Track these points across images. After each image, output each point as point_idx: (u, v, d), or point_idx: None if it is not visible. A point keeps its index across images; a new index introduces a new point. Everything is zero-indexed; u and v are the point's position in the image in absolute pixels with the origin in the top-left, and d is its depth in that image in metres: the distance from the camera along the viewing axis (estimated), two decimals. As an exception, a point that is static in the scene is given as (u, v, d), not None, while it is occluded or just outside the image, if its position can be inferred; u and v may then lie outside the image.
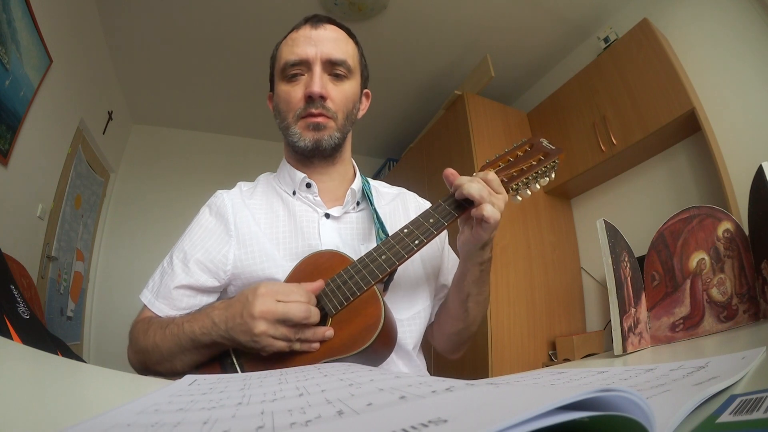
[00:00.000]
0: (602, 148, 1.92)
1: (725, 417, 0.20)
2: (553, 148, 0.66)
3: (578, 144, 2.07)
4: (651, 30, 1.77)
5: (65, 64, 1.89)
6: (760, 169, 0.66)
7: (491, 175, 0.58)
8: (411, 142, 2.96)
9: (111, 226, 2.82)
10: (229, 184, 0.80)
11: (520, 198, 0.64)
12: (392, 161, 3.45)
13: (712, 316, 0.67)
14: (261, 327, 0.48)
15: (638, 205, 1.99)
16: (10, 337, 0.73)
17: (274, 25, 2.23)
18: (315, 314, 0.51)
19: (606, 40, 2.06)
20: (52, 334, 1.00)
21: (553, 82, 2.51)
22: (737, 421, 0.19)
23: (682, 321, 0.68)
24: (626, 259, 0.67)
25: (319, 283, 0.54)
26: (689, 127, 1.68)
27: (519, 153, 0.65)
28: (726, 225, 0.70)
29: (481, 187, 0.55)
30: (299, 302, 0.50)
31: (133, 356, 0.63)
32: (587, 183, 2.20)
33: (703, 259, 0.69)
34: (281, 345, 0.50)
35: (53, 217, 2.01)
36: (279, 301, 0.49)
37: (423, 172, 2.63)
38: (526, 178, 0.63)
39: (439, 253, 0.76)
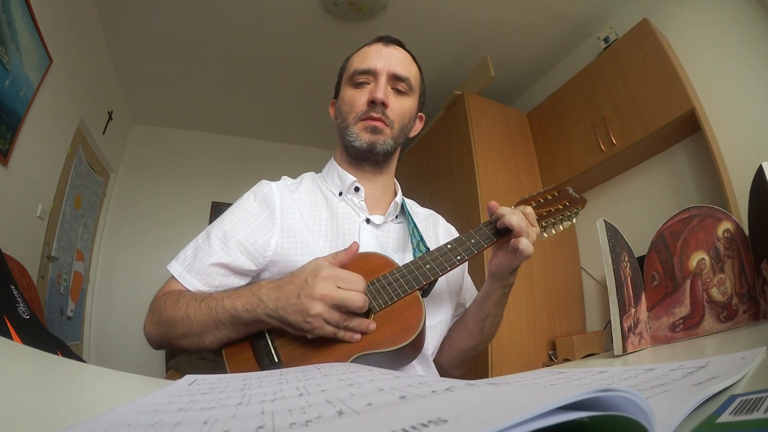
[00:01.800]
0: (602, 148, 1.92)
1: (725, 417, 0.20)
2: (578, 197, 0.72)
3: (578, 144, 2.07)
4: (651, 30, 1.77)
5: (65, 64, 1.89)
6: (760, 169, 0.66)
7: (529, 209, 0.64)
8: (411, 142, 2.96)
9: (111, 226, 2.83)
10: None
11: (545, 235, 0.69)
12: (392, 161, 3.45)
13: (712, 316, 0.67)
14: (318, 308, 0.50)
15: (638, 205, 1.99)
16: (10, 337, 0.73)
17: (274, 24, 2.23)
18: (367, 305, 0.54)
19: (606, 40, 2.06)
20: (52, 334, 1.00)
21: (553, 82, 2.51)
22: (737, 421, 0.19)
23: (682, 321, 0.68)
24: (626, 259, 0.67)
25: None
26: (689, 127, 1.68)
27: (548, 196, 0.72)
28: (726, 225, 0.70)
29: (521, 218, 0.60)
30: (358, 291, 0.52)
31: (153, 328, 0.62)
32: (587, 183, 2.20)
33: (703, 259, 0.69)
34: (330, 330, 0.52)
35: (53, 217, 2.02)
36: (339, 288, 0.52)
37: (423, 172, 2.63)
38: (553, 219, 0.69)
39: (461, 275, 0.80)
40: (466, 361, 0.77)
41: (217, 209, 2.99)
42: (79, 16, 2.00)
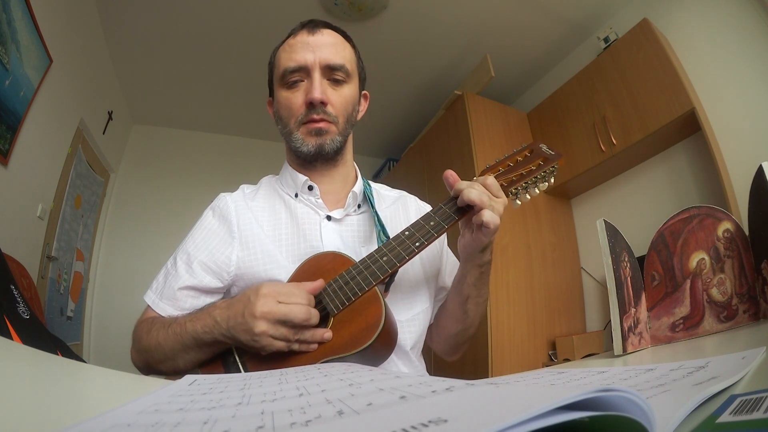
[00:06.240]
0: (602, 148, 1.92)
1: (725, 417, 0.20)
2: (552, 153, 0.67)
3: (578, 144, 2.07)
4: (651, 30, 1.77)
5: (65, 64, 1.89)
6: (760, 169, 0.66)
7: (490, 179, 0.58)
8: (411, 142, 2.96)
9: (111, 226, 2.82)
10: (229, 185, 0.80)
11: (519, 202, 0.64)
12: (392, 161, 3.45)
13: (712, 316, 0.67)
14: (261, 327, 0.49)
15: (638, 205, 1.99)
16: (10, 337, 0.73)
17: (274, 25, 2.23)
18: (315, 316, 0.52)
19: (606, 40, 2.06)
20: (52, 334, 1.00)
21: (553, 82, 2.51)
22: (737, 421, 0.19)
23: (682, 321, 0.68)
24: (626, 259, 0.67)
25: (319, 283, 0.55)
26: (689, 127, 1.68)
27: (519, 158, 0.66)
28: (726, 225, 0.70)
29: (481, 191, 0.55)
30: (300, 304, 0.51)
31: (136, 355, 0.64)
32: (587, 183, 2.20)
33: (703, 259, 0.69)
34: (280, 345, 0.51)
35: (53, 217, 2.01)
36: (280, 303, 0.50)
37: (423, 172, 2.63)
38: (525, 183, 0.63)
39: (439, 255, 0.76)
40: (458, 346, 0.75)
41: (217, 209, 2.98)
42: (79, 16, 2.00)
